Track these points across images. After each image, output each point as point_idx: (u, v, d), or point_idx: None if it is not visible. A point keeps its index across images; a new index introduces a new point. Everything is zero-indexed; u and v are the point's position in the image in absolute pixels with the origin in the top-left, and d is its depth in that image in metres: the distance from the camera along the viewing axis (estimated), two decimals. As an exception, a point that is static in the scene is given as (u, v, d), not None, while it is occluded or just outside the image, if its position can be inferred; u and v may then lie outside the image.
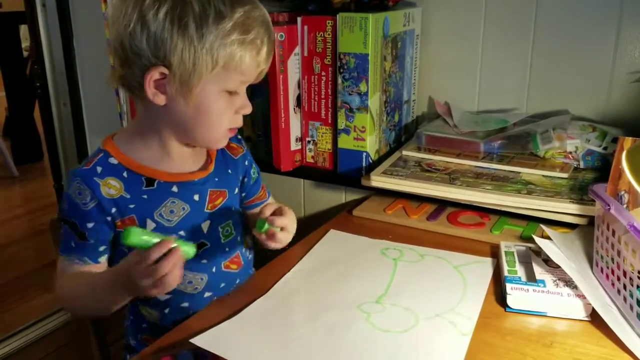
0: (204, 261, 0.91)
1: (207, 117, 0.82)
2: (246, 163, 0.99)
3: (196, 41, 0.76)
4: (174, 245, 0.71)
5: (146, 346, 0.83)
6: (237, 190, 0.97)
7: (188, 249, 0.74)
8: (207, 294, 0.92)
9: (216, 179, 0.92)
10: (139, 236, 0.69)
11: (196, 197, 0.89)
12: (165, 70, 0.78)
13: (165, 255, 0.70)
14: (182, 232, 0.87)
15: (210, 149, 0.93)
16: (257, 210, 0.99)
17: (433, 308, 0.80)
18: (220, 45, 0.77)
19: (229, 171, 0.95)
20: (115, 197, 0.83)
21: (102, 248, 0.85)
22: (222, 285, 0.94)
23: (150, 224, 0.85)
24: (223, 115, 0.83)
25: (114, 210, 0.84)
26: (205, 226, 0.90)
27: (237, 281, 0.96)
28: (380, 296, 0.83)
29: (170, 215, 0.87)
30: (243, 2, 0.79)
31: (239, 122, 0.87)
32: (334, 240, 1.02)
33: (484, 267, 0.91)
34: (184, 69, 0.77)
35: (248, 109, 0.86)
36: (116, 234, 0.85)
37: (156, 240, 0.70)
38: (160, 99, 0.80)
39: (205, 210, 0.90)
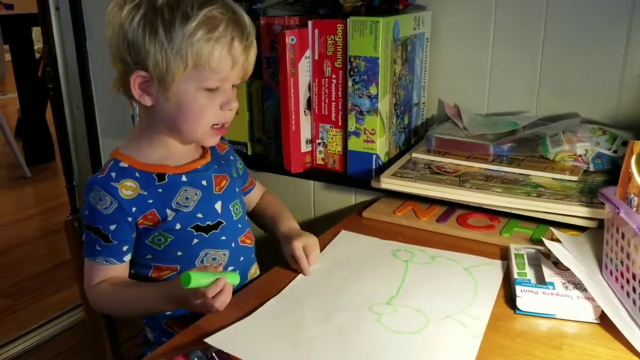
0: (224, 238, 0.96)
1: (189, 114, 0.87)
2: (232, 158, 1.06)
3: (166, 44, 0.82)
4: (225, 281, 0.80)
5: (168, 332, 0.96)
6: (235, 174, 1.03)
7: (233, 280, 0.82)
8: (230, 269, 0.98)
9: (215, 166, 0.99)
10: (198, 281, 0.76)
11: (204, 182, 0.95)
12: (145, 74, 0.85)
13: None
14: (199, 215, 0.93)
15: (202, 145, 0.98)
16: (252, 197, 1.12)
17: (444, 309, 0.80)
18: (187, 45, 0.82)
19: (222, 162, 1.02)
20: (133, 197, 0.88)
21: (125, 248, 0.91)
22: (242, 259, 1.00)
23: (171, 213, 0.91)
24: (205, 111, 0.88)
25: (134, 209, 0.88)
26: (218, 206, 0.96)
27: (252, 255, 1.04)
28: (391, 297, 0.84)
29: (186, 202, 0.92)
30: (210, 3, 0.84)
31: (226, 118, 0.91)
32: (345, 241, 1.03)
33: (494, 269, 0.92)
34: (159, 71, 0.84)
35: (233, 105, 0.90)
36: (138, 233, 0.91)
37: (212, 279, 0.78)
38: (147, 100, 0.87)
39: (215, 192, 0.96)
